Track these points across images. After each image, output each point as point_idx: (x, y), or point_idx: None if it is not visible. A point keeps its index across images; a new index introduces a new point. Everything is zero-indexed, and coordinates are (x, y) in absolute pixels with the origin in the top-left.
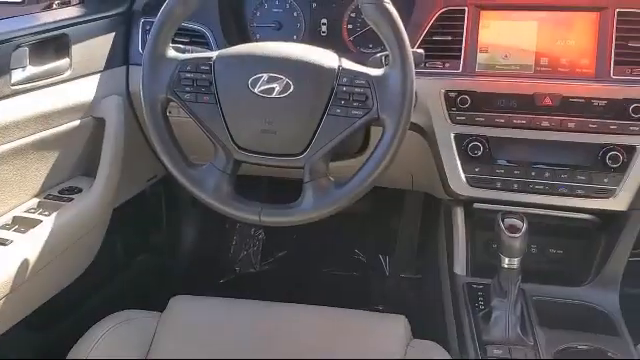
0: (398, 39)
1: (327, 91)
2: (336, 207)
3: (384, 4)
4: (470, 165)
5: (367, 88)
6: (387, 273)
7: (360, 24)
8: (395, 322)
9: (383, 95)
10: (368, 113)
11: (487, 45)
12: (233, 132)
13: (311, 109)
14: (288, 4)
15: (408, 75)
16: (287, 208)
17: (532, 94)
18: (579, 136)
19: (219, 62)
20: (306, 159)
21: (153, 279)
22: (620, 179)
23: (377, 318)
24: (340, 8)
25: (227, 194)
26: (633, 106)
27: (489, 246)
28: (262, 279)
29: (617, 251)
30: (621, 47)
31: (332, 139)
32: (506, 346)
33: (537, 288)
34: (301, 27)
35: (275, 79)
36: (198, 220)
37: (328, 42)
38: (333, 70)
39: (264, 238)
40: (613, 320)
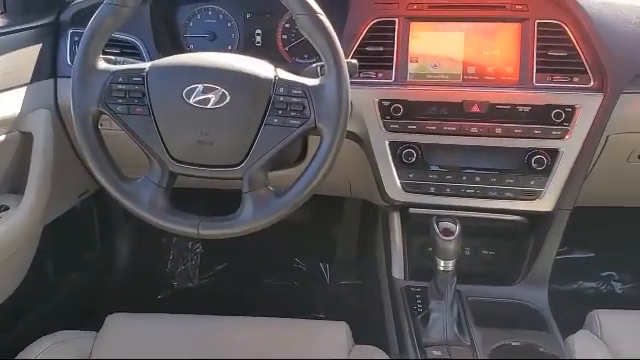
0: (332, 50)
1: (264, 101)
2: (276, 217)
3: (317, 16)
4: (405, 171)
5: (304, 98)
6: (328, 281)
7: (295, 35)
8: (336, 329)
9: (320, 105)
10: (305, 122)
11: (417, 55)
12: (168, 144)
13: (248, 119)
14: (222, 15)
15: (343, 85)
16: (226, 220)
17: (461, 102)
18: (506, 141)
19: (152, 73)
20: (244, 170)
21: (88, 298)
22: (545, 181)
23: (318, 326)
24: (274, 19)
25: (163, 208)
26: (555, 111)
27: (425, 249)
28: (201, 293)
29: (545, 250)
30: (542, 56)
31: (270, 149)
32: (445, 347)
33: (472, 289)
34: (235, 37)
35: (211, 89)
36: (133, 235)
37: (263, 52)
38: (269, 80)
39: (202, 252)
40: (543, 316)
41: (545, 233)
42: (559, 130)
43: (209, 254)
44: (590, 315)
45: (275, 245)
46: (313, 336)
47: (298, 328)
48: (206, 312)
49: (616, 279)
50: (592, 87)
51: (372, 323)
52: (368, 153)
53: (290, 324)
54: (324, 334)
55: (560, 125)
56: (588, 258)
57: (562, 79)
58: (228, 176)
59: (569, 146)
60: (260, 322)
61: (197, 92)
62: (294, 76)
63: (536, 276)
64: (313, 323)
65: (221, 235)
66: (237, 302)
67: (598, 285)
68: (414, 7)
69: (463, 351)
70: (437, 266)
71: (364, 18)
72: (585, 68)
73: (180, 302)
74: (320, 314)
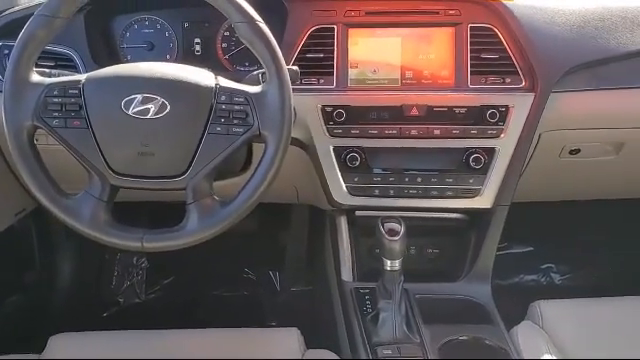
0: (273, 57)
1: (206, 109)
2: (222, 226)
3: (257, 23)
4: (350, 175)
5: (246, 105)
6: (278, 288)
7: (235, 43)
8: (288, 335)
9: (263, 112)
10: (249, 130)
11: (357, 61)
12: (108, 157)
13: (190, 128)
14: (159, 24)
15: (286, 91)
16: (171, 232)
17: (400, 105)
18: (445, 142)
19: (89, 85)
20: (188, 180)
21: (30, 319)
22: (484, 179)
23: (270, 333)
24: (213, 27)
25: (105, 222)
26: (489, 112)
27: (373, 251)
28: (149, 309)
29: (486, 246)
30: (475, 59)
31: (214, 158)
32: (395, 345)
33: (419, 287)
34: (174, 47)
35: (150, 100)
36: (74, 253)
37: (203, 61)
38: (210, 88)
39: (148, 266)
40: (487, 310)
41: (485, 229)
42: (494, 129)
43: (155, 268)
44: (531, 306)
45: (223, 255)
46: (264, 344)
47: (249, 337)
48: (154, 327)
49: (554, 271)
50: (524, 87)
51: (324, 327)
52: (313, 159)
53: (240, 334)
54: (275, 341)
55: (495, 125)
56: (527, 252)
57: (495, 80)
58: (171, 187)
59: (504, 144)
60: (210, 334)
61: (136, 102)
62: (235, 84)
63: (479, 271)
64: (264, 331)
65: (166, 247)
66: (186, 315)
67: (538, 277)
68: (352, 14)
69: (413, 348)
70: (384, 266)
71: (303, 25)
72: (516, 69)
73: (127, 319)
74: (272, 322)
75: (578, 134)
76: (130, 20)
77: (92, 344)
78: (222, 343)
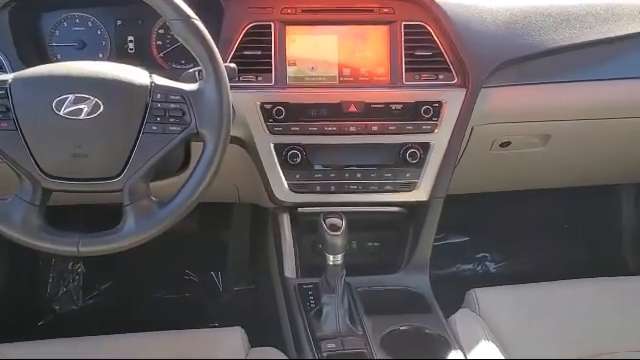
0: (210, 54)
1: (141, 108)
2: (161, 228)
3: (192, 21)
4: (291, 172)
5: (183, 103)
6: (220, 289)
7: (170, 40)
8: (231, 334)
9: (200, 110)
10: (186, 129)
11: (295, 58)
12: (39, 159)
13: (125, 128)
14: (90, 22)
15: (223, 89)
16: (108, 235)
17: (339, 102)
18: (382, 138)
19: (16, 85)
20: (124, 181)
21: None
22: (420, 173)
23: (213, 334)
24: (147, 25)
25: (38, 227)
26: (424, 107)
27: (315, 247)
28: (87, 315)
29: (423, 237)
30: (410, 56)
31: (150, 157)
32: (338, 339)
33: (361, 280)
34: (106, 45)
35: (82, 100)
36: (6, 260)
37: (137, 60)
38: (145, 87)
39: (84, 271)
40: (426, 299)
41: (423, 221)
42: (429, 125)
43: (92, 273)
44: (468, 294)
45: (163, 257)
46: (208, 345)
47: (191, 339)
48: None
49: (489, 259)
50: (456, 83)
51: (268, 325)
52: (254, 157)
53: (182, 335)
54: (219, 341)
55: (429, 120)
56: (463, 242)
57: (429, 77)
58: (107, 189)
59: (438, 139)
60: (151, 337)
61: (68, 103)
62: (171, 82)
63: (417, 262)
64: (207, 332)
65: (103, 251)
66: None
67: (473, 266)
68: (288, 11)
69: (355, 341)
70: (327, 261)
71: (239, 23)
72: (449, 66)
73: (64, 327)
74: (215, 323)
75: (507, 127)
76: (59, 18)
77: (27, 354)
78: (164, 346)
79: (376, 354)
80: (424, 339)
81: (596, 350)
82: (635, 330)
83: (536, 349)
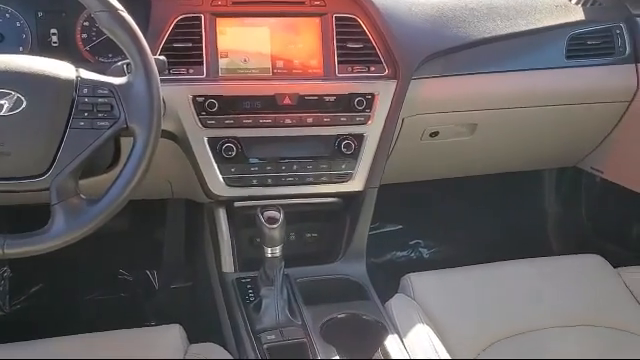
0: (138, 47)
1: (67, 104)
2: (92, 226)
3: (118, 12)
4: (226, 166)
5: (111, 97)
6: (157, 287)
7: (96, 33)
8: (169, 332)
9: (129, 104)
10: (116, 123)
11: (227, 50)
12: None
13: (50, 124)
14: (8, 13)
15: (153, 82)
16: (36, 235)
17: (273, 95)
18: (317, 130)
19: None
20: (51, 179)
21: None
22: (355, 164)
23: (150, 332)
24: (71, 17)
25: None
26: (357, 99)
27: (253, 240)
28: (16, 321)
29: (359, 227)
30: (342, 48)
31: (79, 154)
32: (278, 330)
33: (299, 271)
34: (27, 38)
35: (3, 95)
36: None
37: (62, 53)
38: (71, 81)
39: (11, 275)
40: (363, 287)
41: (358, 211)
42: (362, 116)
43: (20, 277)
44: (403, 279)
45: (95, 257)
46: (145, 344)
47: (128, 338)
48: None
49: (422, 246)
50: (387, 75)
51: (207, 321)
52: (187, 151)
53: (118, 336)
54: (156, 339)
55: (362, 112)
56: (397, 230)
57: (361, 69)
58: (32, 188)
59: (372, 130)
60: (85, 340)
61: None
62: (98, 75)
63: (354, 251)
64: (144, 331)
65: (31, 252)
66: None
67: (408, 253)
68: (218, 3)
69: (295, 331)
70: (265, 254)
71: (168, 14)
72: (379, 58)
73: None
74: (152, 322)
75: (436, 118)
76: None
77: None
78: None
79: (316, 342)
80: (362, 325)
81: (524, 327)
82: (558, 308)
83: (468, 329)
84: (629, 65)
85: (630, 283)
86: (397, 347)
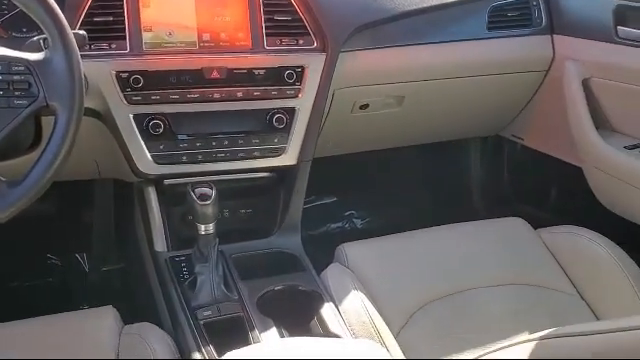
0: (55, 21)
1: None
2: (12, 210)
3: None
4: (154, 143)
5: (28, 74)
6: (87, 270)
7: (7, 6)
8: (102, 315)
9: (48, 81)
10: (34, 102)
11: (151, 24)
12: None
13: None
14: None
15: (72, 57)
16: None
17: (200, 69)
18: (248, 104)
19: None
20: None
21: None
22: (287, 138)
23: (82, 316)
24: None
25: None
26: (287, 72)
27: (186, 218)
28: None
29: (293, 200)
30: (269, 20)
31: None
32: (214, 306)
33: (234, 247)
34: None
35: None
36: None
37: None
38: None
39: None
40: (299, 259)
41: (292, 185)
42: (292, 90)
43: None
44: (337, 249)
45: (19, 243)
46: (78, 327)
47: (59, 323)
48: None
49: (356, 216)
50: (316, 48)
51: (142, 301)
52: (112, 129)
53: (49, 321)
54: (89, 323)
55: (293, 85)
56: (331, 202)
57: (290, 42)
58: None
59: (303, 104)
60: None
61: None
62: (12, 51)
63: (289, 225)
64: (76, 314)
65: None
66: None
67: (342, 224)
68: None
69: (232, 306)
70: (198, 231)
71: None
72: (308, 31)
73: None
74: (85, 306)
75: (366, 90)
76: None
77: None
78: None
79: (253, 315)
80: (298, 296)
81: (452, 289)
82: (484, 269)
83: (400, 293)
84: (545, 36)
85: (549, 243)
86: (333, 314)
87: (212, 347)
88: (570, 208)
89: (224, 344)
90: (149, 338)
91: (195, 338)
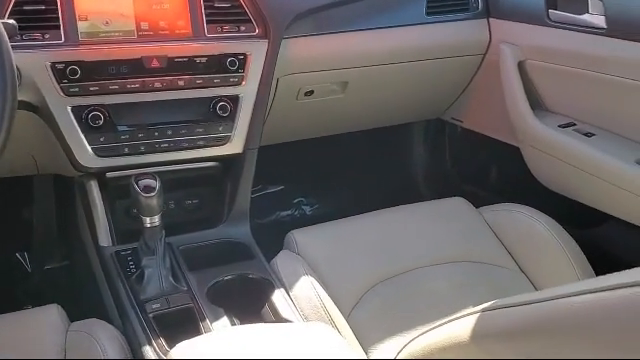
0: None
1: None
2: None
3: None
4: (94, 136)
5: None
6: (29, 270)
7: None
8: (47, 313)
9: None
10: None
11: (86, 12)
12: None
13: None
14: None
15: (2, 48)
16: None
17: (140, 58)
18: (190, 92)
19: None
20: None
21: None
22: (232, 126)
23: (26, 315)
24: None
25: None
26: (229, 60)
27: (130, 211)
28: None
29: (241, 189)
30: (209, 8)
31: None
32: (163, 298)
33: (181, 238)
34: None
35: None
36: None
37: None
38: None
39: None
40: (249, 247)
41: (239, 173)
42: (236, 77)
43: None
44: (287, 236)
45: None
46: (22, 327)
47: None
48: None
49: (305, 203)
50: (258, 35)
51: (89, 299)
52: (50, 122)
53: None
54: (34, 322)
55: (236, 72)
56: (280, 190)
57: (231, 29)
58: None
59: (247, 91)
60: None
61: None
62: None
63: (237, 214)
64: (19, 314)
65: None
66: None
67: (292, 212)
68: None
69: (181, 297)
70: (144, 224)
71: None
72: (249, 17)
73: None
74: (28, 306)
75: (310, 77)
76: None
77: None
78: None
79: (203, 306)
80: (249, 284)
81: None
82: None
83: (350, 275)
84: (482, 20)
85: (490, 220)
86: (284, 300)
87: (163, 340)
88: (509, 186)
89: (175, 336)
90: (97, 334)
91: (145, 331)
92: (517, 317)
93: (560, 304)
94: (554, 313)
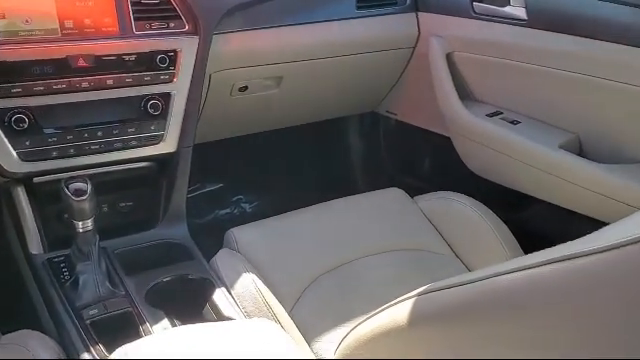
0: None
1: None
2: None
3: None
4: (19, 140)
5: None
6: None
7: None
8: None
9: None
10: None
11: (3, 10)
12: None
13: None
14: None
15: None
16: None
17: (65, 57)
18: (120, 92)
19: None
20: None
21: None
22: (164, 124)
23: None
24: None
25: None
26: (159, 57)
27: (61, 216)
28: None
29: (177, 188)
30: (137, 4)
31: None
32: (100, 303)
33: (117, 242)
34: None
35: None
36: None
37: None
38: None
39: None
40: (187, 248)
41: (174, 173)
42: (166, 74)
43: None
44: (226, 234)
45: None
46: None
47: None
48: None
49: (244, 201)
50: (187, 31)
51: (21, 311)
52: None
53: None
54: None
55: (166, 69)
56: (218, 188)
57: (160, 26)
58: None
59: (178, 88)
60: None
61: None
62: None
63: (174, 214)
64: None
65: None
66: None
67: (231, 210)
68: None
69: (119, 301)
70: (76, 229)
71: None
72: (178, 13)
73: None
74: None
75: (243, 72)
76: None
77: None
78: None
79: (142, 309)
80: (189, 285)
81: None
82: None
83: (291, 270)
84: (410, 14)
85: (425, 209)
86: (225, 299)
87: (101, 345)
88: (442, 175)
89: (114, 341)
90: (30, 345)
91: (82, 339)
92: (452, 298)
93: (492, 283)
94: (487, 292)
